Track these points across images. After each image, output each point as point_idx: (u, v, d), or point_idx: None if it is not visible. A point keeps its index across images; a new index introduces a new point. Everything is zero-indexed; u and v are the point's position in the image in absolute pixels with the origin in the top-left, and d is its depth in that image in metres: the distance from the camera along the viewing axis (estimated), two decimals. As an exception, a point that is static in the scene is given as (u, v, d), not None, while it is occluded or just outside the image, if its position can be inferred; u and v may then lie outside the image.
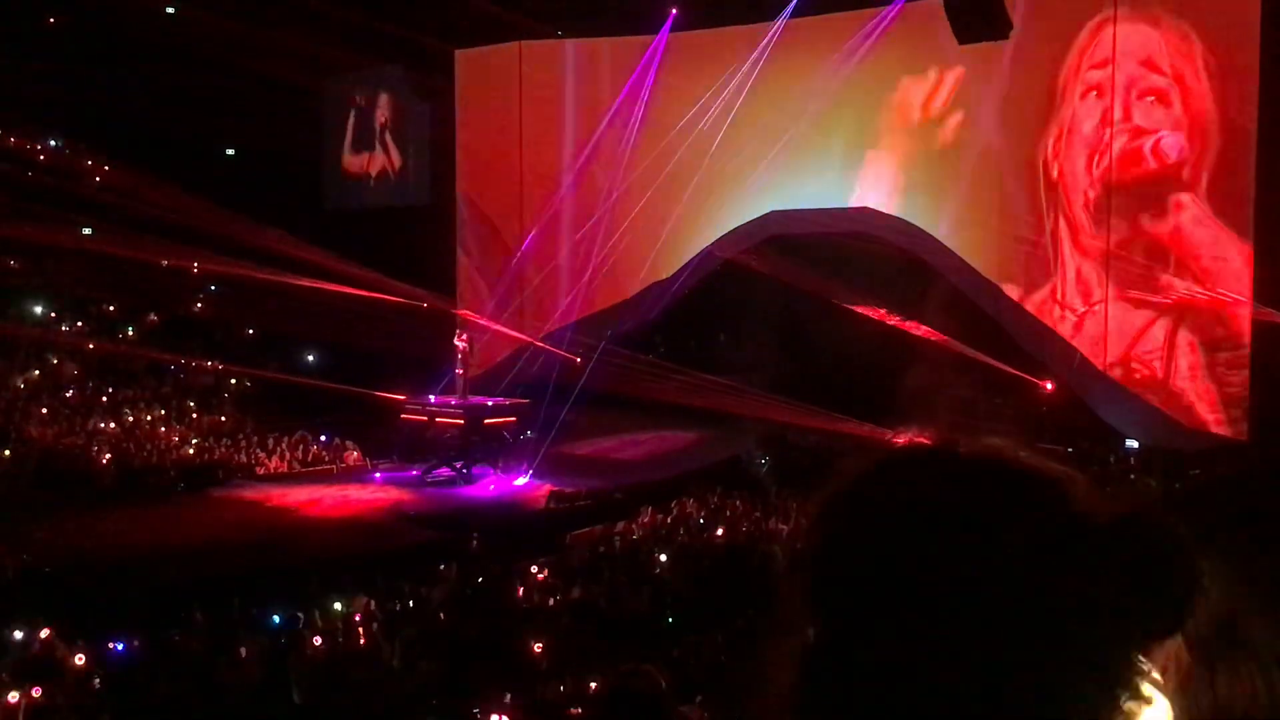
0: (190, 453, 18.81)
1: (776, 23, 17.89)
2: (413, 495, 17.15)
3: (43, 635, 9.46)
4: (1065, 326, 16.23)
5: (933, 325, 17.04)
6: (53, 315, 23.20)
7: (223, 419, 20.72)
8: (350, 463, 19.35)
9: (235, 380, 22.02)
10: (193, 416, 20.70)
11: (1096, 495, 0.94)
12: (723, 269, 19.61)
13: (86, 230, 21.63)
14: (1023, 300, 16.55)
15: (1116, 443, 15.87)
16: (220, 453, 18.98)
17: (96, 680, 8.81)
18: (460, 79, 21.87)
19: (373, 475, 18.43)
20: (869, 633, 0.90)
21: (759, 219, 18.82)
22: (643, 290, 19.78)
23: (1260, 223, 14.57)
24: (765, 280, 19.12)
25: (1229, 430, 14.92)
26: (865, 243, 18.12)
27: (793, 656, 0.93)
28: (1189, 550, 0.90)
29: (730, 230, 19.13)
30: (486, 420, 18.63)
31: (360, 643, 10.11)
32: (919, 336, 17.15)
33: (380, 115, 23.34)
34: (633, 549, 13.66)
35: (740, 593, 10.48)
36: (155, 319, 23.63)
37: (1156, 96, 15.27)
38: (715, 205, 19.13)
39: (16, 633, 9.56)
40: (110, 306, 23.58)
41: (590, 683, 8.20)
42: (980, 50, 15.16)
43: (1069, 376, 16.23)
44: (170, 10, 21.77)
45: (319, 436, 19.81)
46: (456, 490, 17.73)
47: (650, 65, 19.44)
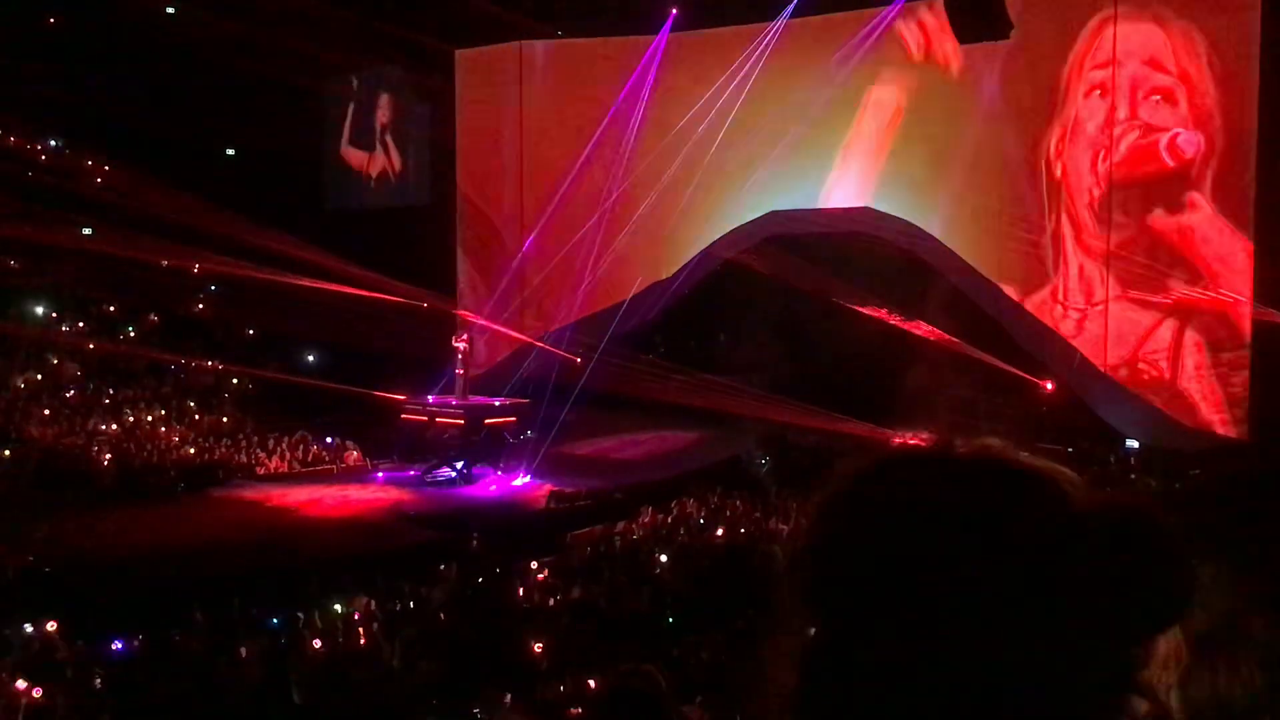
0: (190, 453, 18.81)
1: (776, 23, 17.89)
2: (413, 495, 17.15)
3: (49, 628, 9.49)
4: (1066, 326, 16.22)
5: (933, 325, 17.04)
6: (53, 315, 23.19)
7: (223, 419, 20.72)
8: (350, 463, 19.37)
9: (235, 380, 22.01)
10: (193, 417, 20.70)
11: (1093, 495, 0.94)
12: (723, 269, 19.61)
13: (86, 230, 21.63)
14: (1023, 300, 16.54)
15: (1116, 443, 15.87)
16: (220, 453, 18.99)
17: (97, 680, 8.82)
18: (460, 79, 21.87)
19: (373, 475, 18.44)
20: (868, 632, 0.90)
21: (759, 219, 18.81)
22: (643, 290, 19.76)
23: (1261, 222, 14.57)
24: (765, 280, 19.13)
25: (1231, 430, 14.91)
26: (865, 243, 18.14)
27: (793, 656, 0.94)
28: (1184, 547, 0.91)
29: (730, 230, 19.13)
30: (486, 420, 18.63)
31: (360, 643, 10.12)
32: (919, 336, 17.16)
33: (380, 115, 23.34)
34: (633, 549, 13.66)
35: (740, 593, 10.48)
36: (155, 319, 23.62)
37: (1163, 95, 15.26)
38: (715, 205, 19.12)
39: (25, 627, 9.58)
40: (110, 306, 23.55)
41: (590, 683, 8.20)
42: (981, 50, 15.16)
43: (1069, 377, 16.22)
44: (170, 10, 21.79)
45: (319, 437, 19.81)
46: (456, 490, 17.74)
47: (650, 65, 19.44)
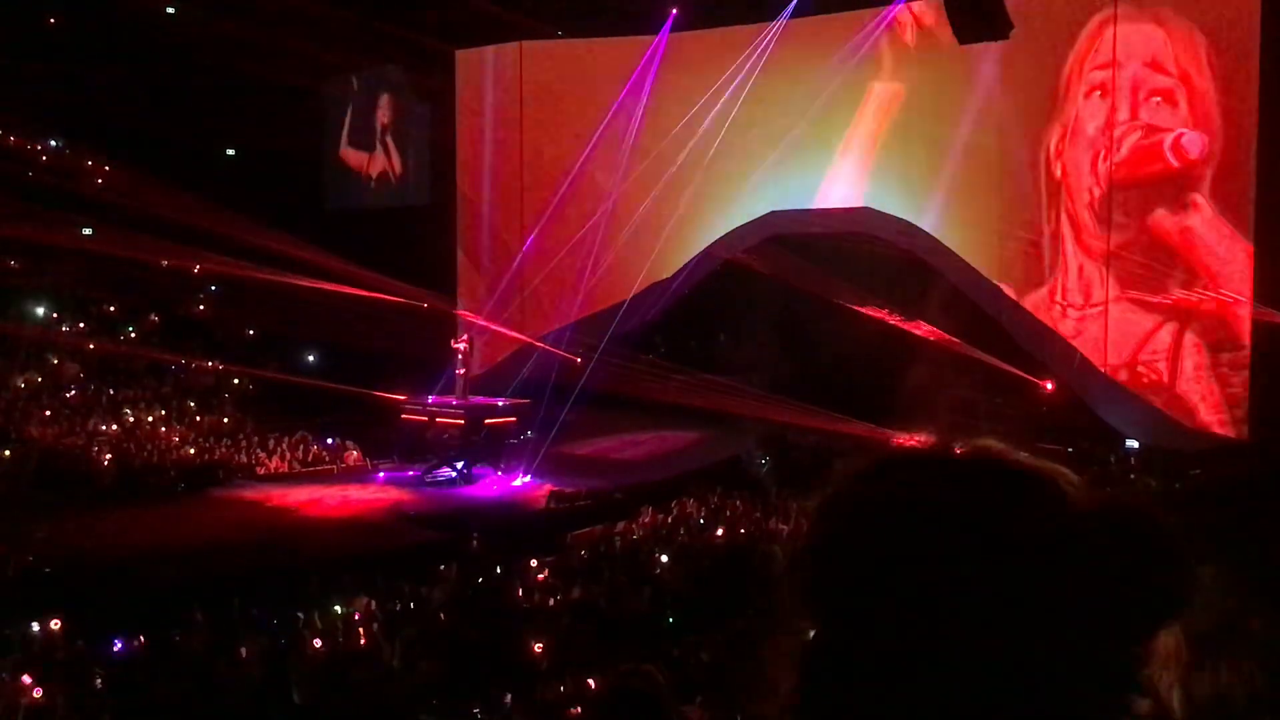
0: (191, 453, 18.81)
1: (776, 23, 17.89)
2: (413, 495, 17.15)
3: (50, 628, 9.49)
4: (1066, 326, 16.22)
5: (933, 325, 17.04)
6: (53, 315, 23.19)
7: (223, 419, 20.72)
8: (350, 463, 19.37)
9: (236, 380, 22.01)
10: (194, 417, 20.69)
11: (1093, 495, 0.94)
12: (723, 269, 19.61)
13: (86, 230, 21.63)
14: (1022, 300, 16.54)
15: (1116, 443, 15.86)
16: (221, 453, 18.99)
17: (97, 680, 8.82)
18: (460, 79, 21.87)
19: (373, 475, 18.44)
20: (868, 632, 0.90)
21: (759, 219, 18.82)
22: (643, 290, 19.76)
23: (1261, 223, 14.56)
24: (765, 280, 19.13)
25: (1231, 431, 14.90)
26: (865, 243, 18.14)
27: (793, 656, 0.94)
28: (1184, 547, 0.91)
29: (730, 230, 19.13)
30: (486, 420, 18.63)
31: (360, 643, 10.12)
32: (919, 336, 17.16)
33: (380, 115, 23.34)
34: (633, 549, 13.66)
35: (740, 593, 10.46)
36: (156, 319, 23.61)
37: (1163, 96, 15.26)
38: (715, 205, 19.12)
39: (27, 626, 9.58)
40: (110, 306, 23.55)
41: (590, 683, 8.20)
42: (980, 50, 15.15)
43: (1069, 377, 16.22)
44: (170, 10, 21.79)
45: (319, 437, 19.81)
46: (456, 490, 17.74)
47: (650, 65, 19.44)
